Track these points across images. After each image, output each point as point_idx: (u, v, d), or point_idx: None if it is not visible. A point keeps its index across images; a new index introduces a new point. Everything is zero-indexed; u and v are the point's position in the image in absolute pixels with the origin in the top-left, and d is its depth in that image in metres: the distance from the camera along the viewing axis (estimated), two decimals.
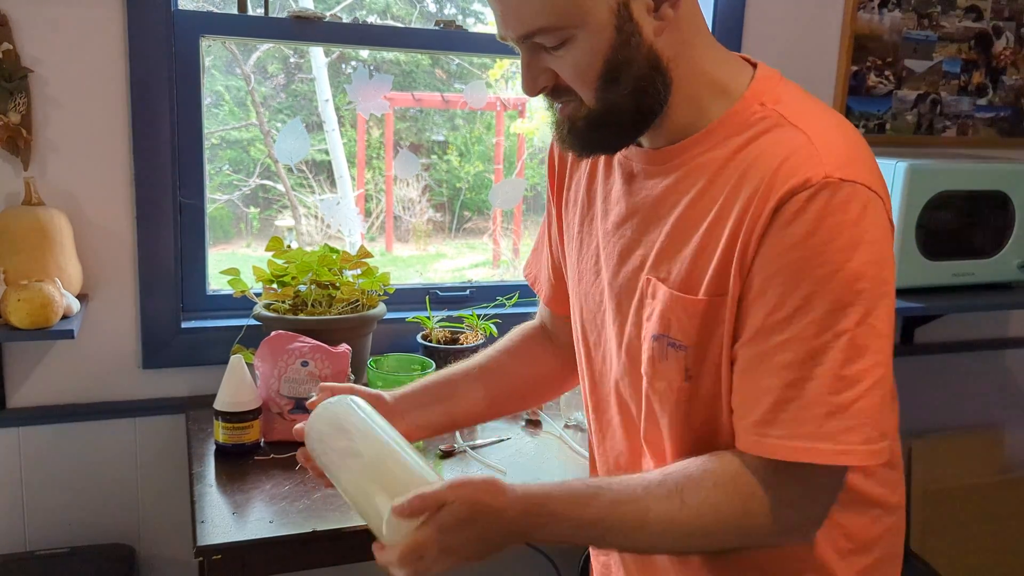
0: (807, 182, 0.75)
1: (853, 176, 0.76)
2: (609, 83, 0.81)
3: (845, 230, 0.75)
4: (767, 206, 0.77)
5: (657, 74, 0.82)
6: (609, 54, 0.80)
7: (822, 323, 0.75)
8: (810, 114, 0.83)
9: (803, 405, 0.75)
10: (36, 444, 1.63)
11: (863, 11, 2.07)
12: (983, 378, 2.46)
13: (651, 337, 0.86)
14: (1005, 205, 1.91)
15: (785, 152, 0.79)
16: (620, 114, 0.83)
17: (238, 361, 1.44)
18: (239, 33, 1.75)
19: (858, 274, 0.75)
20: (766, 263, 0.77)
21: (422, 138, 3.09)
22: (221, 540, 1.17)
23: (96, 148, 1.58)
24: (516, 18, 0.80)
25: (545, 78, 0.83)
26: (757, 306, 0.78)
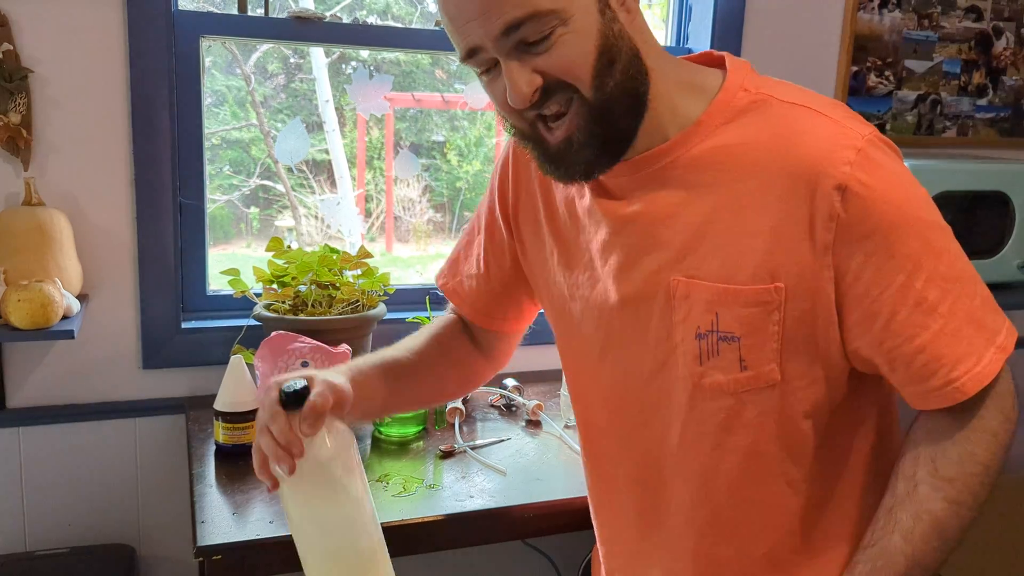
0: (856, 149, 0.78)
1: (871, 130, 0.81)
2: (605, 68, 0.79)
3: (902, 171, 0.81)
4: (827, 186, 0.77)
5: (639, 63, 0.81)
6: (599, 39, 0.78)
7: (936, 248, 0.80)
8: (795, 91, 0.85)
9: (967, 321, 0.79)
10: (36, 444, 1.63)
11: (863, 11, 2.07)
12: None
13: (695, 336, 0.85)
14: (1005, 205, 1.91)
15: (806, 128, 0.80)
16: (617, 106, 0.80)
17: (238, 361, 1.44)
18: (239, 33, 1.75)
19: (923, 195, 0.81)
20: (868, 238, 0.78)
21: (422, 138, 3.09)
22: (221, 540, 1.17)
23: (96, 148, 1.58)
24: (497, 10, 0.75)
25: (533, 80, 0.78)
26: (882, 278, 0.79)
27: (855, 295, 0.80)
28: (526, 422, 1.64)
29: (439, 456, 1.48)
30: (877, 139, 0.80)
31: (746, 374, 0.84)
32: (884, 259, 0.78)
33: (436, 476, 1.40)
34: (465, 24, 0.77)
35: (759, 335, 0.82)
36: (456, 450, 1.50)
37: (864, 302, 0.80)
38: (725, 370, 0.84)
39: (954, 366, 0.79)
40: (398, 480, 1.37)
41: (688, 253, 0.85)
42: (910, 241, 0.78)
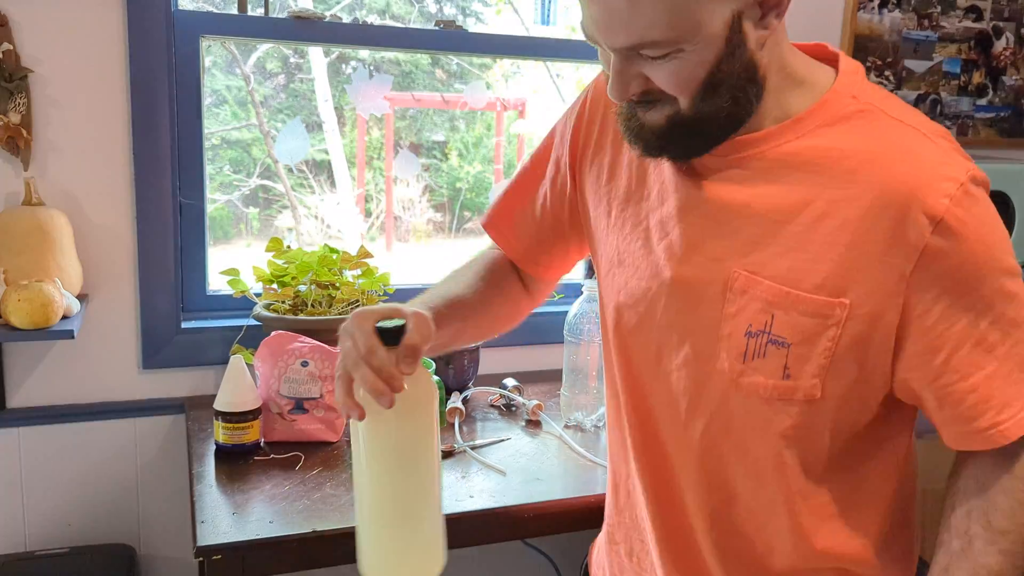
0: (959, 183, 0.77)
1: (972, 167, 0.79)
2: (708, 93, 0.79)
3: (992, 216, 0.80)
4: (921, 215, 0.76)
5: (752, 84, 0.81)
6: (713, 66, 0.77)
7: (1010, 293, 0.79)
8: (904, 108, 0.83)
9: (1018, 368, 0.79)
10: (36, 444, 1.63)
11: (863, 11, 2.07)
12: None
13: (745, 333, 0.83)
14: (1005, 205, 1.91)
15: (912, 150, 0.79)
16: (712, 123, 0.81)
17: (238, 361, 1.44)
18: (239, 33, 1.75)
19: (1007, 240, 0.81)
20: (942, 277, 0.77)
21: (422, 138, 3.09)
22: (221, 540, 1.17)
23: (96, 148, 1.58)
24: (624, 29, 0.75)
25: (637, 84, 0.80)
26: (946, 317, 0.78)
27: (921, 328, 0.79)
28: (526, 422, 1.64)
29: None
30: (978, 176, 0.79)
31: (787, 383, 0.82)
32: (958, 297, 0.78)
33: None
34: (601, 25, 0.77)
35: (810, 346, 0.81)
36: (456, 450, 1.50)
37: (928, 336, 0.79)
38: (768, 374, 0.83)
39: (1001, 409, 0.79)
40: None
41: (756, 248, 0.83)
42: (988, 284, 0.78)
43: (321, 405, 1.48)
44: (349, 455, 1.46)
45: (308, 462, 1.42)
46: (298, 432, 1.48)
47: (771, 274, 0.81)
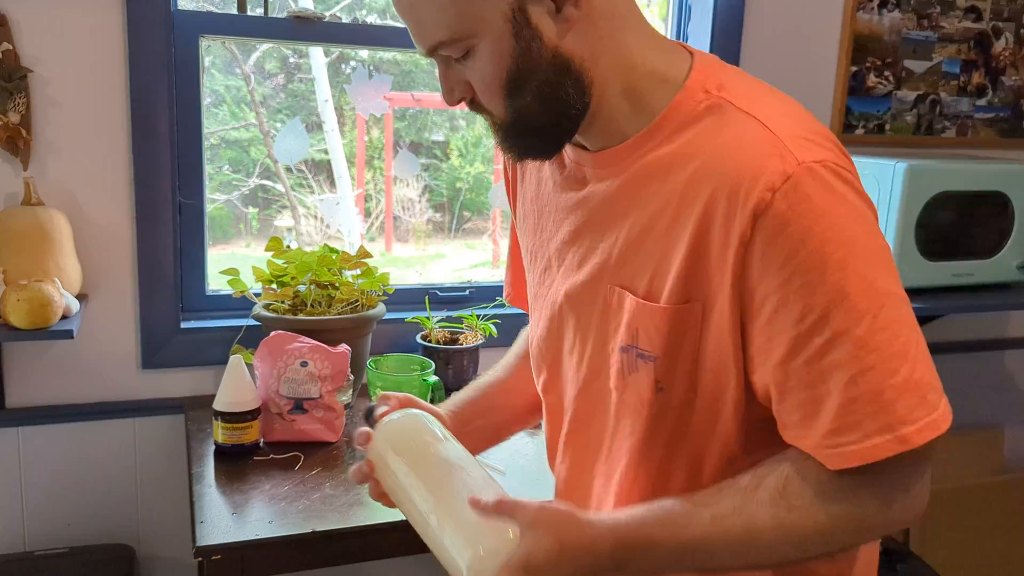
0: (783, 173, 0.72)
1: (822, 156, 0.74)
2: (514, 92, 0.79)
3: (840, 208, 0.72)
4: (745, 208, 0.73)
5: (566, 78, 0.79)
6: (510, 63, 0.78)
7: (858, 308, 0.71)
8: (756, 98, 0.80)
9: (869, 399, 0.71)
10: (36, 444, 1.63)
11: (863, 11, 2.07)
12: (983, 378, 2.46)
13: (619, 349, 0.84)
14: (1005, 205, 1.91)
15: (744, 144, 0.75)
16: (532, 121, 0.81)
17: (237, 361, 1.44)
18: (239, 33, 1.75)
19: (868, 247, 0.73)
20: (774, 271, 0.73)
21: (422, 138, 3.09)
22: (220, 540, 1.17)
23: (96, 148, 1.58)
24: (420, 33, 0.79)
25: (461, 89, 0.82)
26: (781, 318, 0.73)
27: (757, 327, 0.75)
28: None
29: None
30: (821, 168, 0.73)
31: (660, 395, 0.82)
32: (784, 301, 0.72)
33: None
34: (411, 34, 0.81)
35: (674, 356, 0.80)
36: None
37: (761, 338, 0.75)
38: (641, 388, 0.83)
39: (829, 435, 0.73)
40: None
41: (626, 263, 0.83)
42: (820, 291, 0.71)
43: (320, 405, 1.48)
44: (348, 455, 1.46)
45: (307, 462, 1.42)
46: (297, 432, 1.48)
47: (636, 288, 0.82)
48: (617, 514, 0.79)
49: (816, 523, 0.74)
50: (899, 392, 0.71)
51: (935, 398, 0.73)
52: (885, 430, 0.71)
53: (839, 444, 0.72)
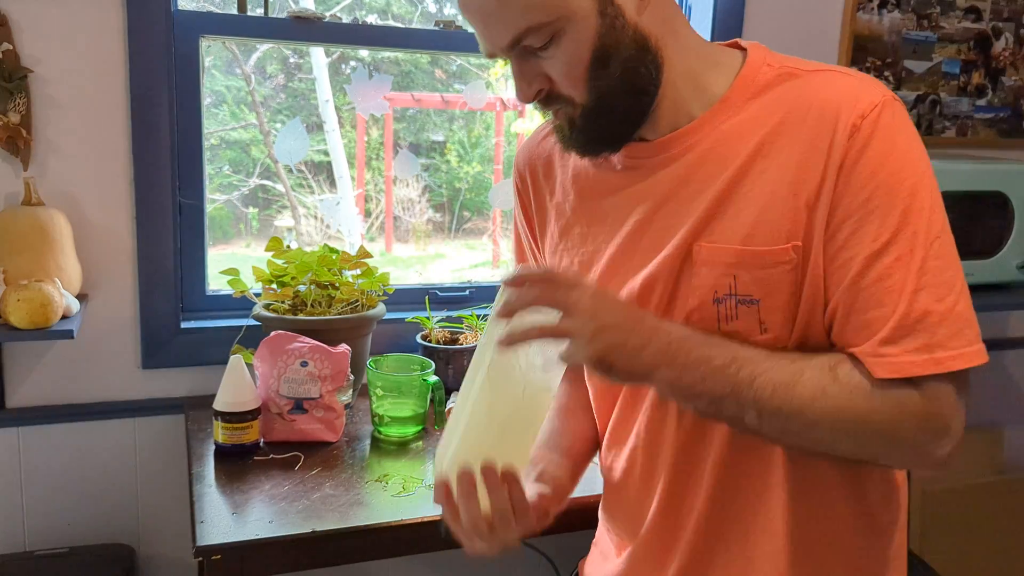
0: (872, 104, 0.79)
1: (891, 94, 0.82)
2: (599, 71, 0.81)
3: (914, 142, 0.80)
4: (840, 134, 0.79)
5: (646, 53, 0.83)
6: (596, 41, 0.81)
7: (920, 235, 0.77)
8: (815, 63, 0.87)
9: (917, 318, 0.76)
10: (36, 444, 1.63)
11: (863, 12, 2.07)
12: (983, 378, 2.46)
13: (713, 302, 0.84)
14: (1004, 206, 1.91)
15: (826, 88, 0.82)
16: (613, 102, 0.83)
17: (237, 361, 1.44)
18: (239, 33, 1.75)
19: (930, 182, 0.80)
20: (855, 189, 0.78)
21: (421, 138, 3.10)
22: (220, 540, 1.17)
23: (96, 148, 1.58)
24: (501, 24, 0.80)
25: (539, 81, 0.84)
26: (859, 237, 0.78)
27: (836, 246, 0.80)
28: None
29: None
30: (900, 106, 0.81)
31: (766, 336, 0.83)
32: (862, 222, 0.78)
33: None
34: (483, 32, 0.83)
35: (778, 296, 0.82)
36: None
37: (839, 259, 0.80)
38: (745, 333, 0.83)
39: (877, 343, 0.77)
40: (398, 480, 1.37)
41: (714, 220, 0.84)
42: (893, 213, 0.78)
43: (320, 405, 1.48)
44: (348, 455, 1.46)
45: (307, 462, 1.42)
46: (297, 432, 1.48)
47: (730, 238, 0.83)
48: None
49: (853, 405, 0.77)
50: (942, 317, 0.76)
51: (972, 334, 0.77)
52: (924, 350, 0.76)
53: (883, 354, 0.77)
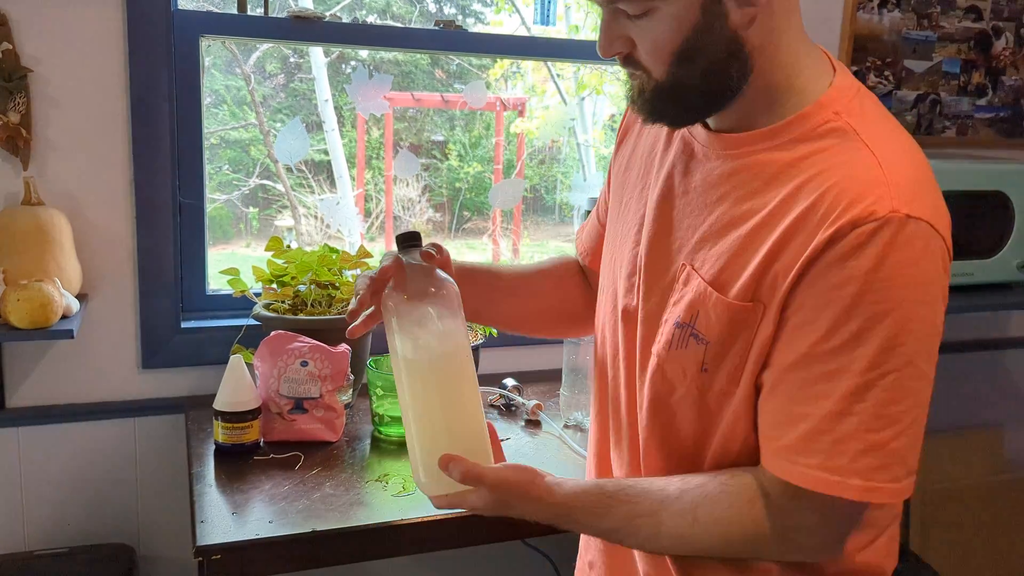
0: (872, 214, 0.73)
1: (919, 212, 0.74)
2: (682, 61, 0.80)
3: (906, 270, 0.73)
4: (825, 231, 0.74)
5: (734, 61, 0.81)
6: (689, 33, 0.79)
7: (871, 360, 0.74)
8: (882, 133, 0.80)
9: (839, 439, 0.75)
10: (36, 444, 1.63)
11: (863, 11, 2.07)
12: (983, 378, 2.46)
13: (674, 323, 0.86)
14: (1005, 205, 1.91)
15: (852, 173, 0.76)
16: (687, 92, 0.82)
17: (237, 361, 1.44)
18: (239, 33, 1.75)
19: (912, 316, 0.74)
20: (821, 291, 0.75)
21: (422, 138, 3.10)
22: (220, 540, 1.17)
23: (96, 148, 1.58)
24: None
25: (621, 43, 0.83)
26: (806, 331, 0.76)
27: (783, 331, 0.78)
28: (525, 422, 1.64)
29: None
30: (912, 224, 0.73)
31: (705, 375, 0.85)
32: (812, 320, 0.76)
33: None
34: None
35: (727, 345, 0.82)
36: None
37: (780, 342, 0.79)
38: (687, 364, 0.85)
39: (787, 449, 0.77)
40: (398, 480, 1.37)
41: (703, 245, 0.85)
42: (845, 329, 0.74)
43: (321, 405, 1.48)
44: (348, 455, 1.46)
45: (308, 462, 1.42)
46: (298, 432, 1.48)
47: (707, 274, 0.84)
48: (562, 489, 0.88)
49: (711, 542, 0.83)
50: (869, 448, 0.74)
51: (900, 473, 0.75)
52: (835, 471, 0.75)
53: (794, 460, 0.77)
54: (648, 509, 0.85)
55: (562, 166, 3.17)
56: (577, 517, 0.88)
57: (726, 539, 0.82)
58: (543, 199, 3.34)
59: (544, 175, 3.32)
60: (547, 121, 3.00)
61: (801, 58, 0.85)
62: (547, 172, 3.33)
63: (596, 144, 2.44)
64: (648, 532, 0.85)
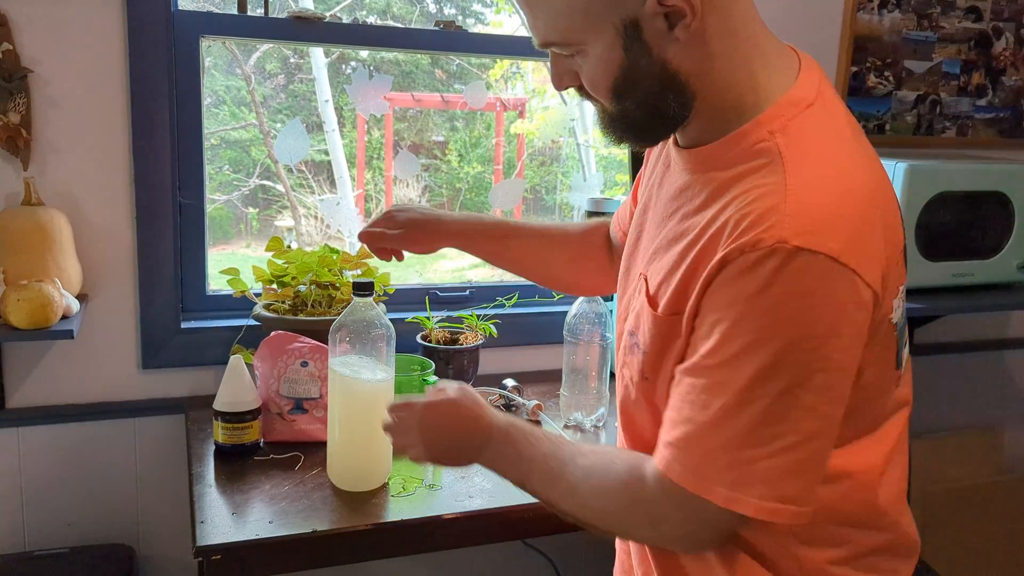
0: (759, 243, 0.74)
1: (816, 245, 0.73)
2: (619, 95, 0.84)
3: (794, 301, 0.74)
4: (722, 250, 0.77)
5: (669, 91, 0.82)
6: (618, 71, 0.82)
7: (748, 382, 0.76)
8: (813, 157, 0.79)
9: (710, 449, 0.78)
10: (36, 444, 1.63)
11: (863, 12, 2.07)
12: (983, 378, 2.46)
13: (628, 331, 0.94)
14: (1005, 206, 1.91)
15: (759, 198, 0.77)
16: (633, 121, 0.86)
17: (238, 361, 1.44)
18: (239, 33, 1.75)
19: (798, 347, 0.75)
20: (714, 307, 0.78)
21: (422, 138, 3.10)
22: (220, 540, 1.17)
23: (96, 148, 1.58)
24: (534, 29, 0.85)
25: (569, 78, 0.88)
26: (701, 343, 0.80)
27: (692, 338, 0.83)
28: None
29: None
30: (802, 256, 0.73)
31: (646, 383, 0.91)
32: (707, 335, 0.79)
33: (436, 476, 1.40)
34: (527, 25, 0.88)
35: (660, 357, 0.87)
36: None
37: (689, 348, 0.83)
38: (634, 371, 0.92)
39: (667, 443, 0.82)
40: (398, 480, 1.37)
41: (653, 257, 0.90)
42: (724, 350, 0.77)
43: (321, 405, 1.48)
44: None
45: (307, 462, 1.42)
46: (297, 432, 1.48)
47: (649, 288, 0.89)
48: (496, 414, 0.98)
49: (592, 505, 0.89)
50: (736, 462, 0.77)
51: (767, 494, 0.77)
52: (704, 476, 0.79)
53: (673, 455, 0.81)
54: (561, 456, 0.91)
55: (562, 166, 3.17)
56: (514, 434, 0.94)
57: (604, 510, 0.88)
58: (543, 199, 3.34)
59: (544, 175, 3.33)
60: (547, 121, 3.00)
61: (756, 73, 0.84)
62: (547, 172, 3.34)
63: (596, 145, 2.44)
64: (553, 475, 0.90)
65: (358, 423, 1.30)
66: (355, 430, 1.31)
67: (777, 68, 0.85)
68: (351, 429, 1.31)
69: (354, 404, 1.30)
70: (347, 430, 1.31)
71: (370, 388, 1.27)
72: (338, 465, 1.34)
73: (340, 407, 1.31)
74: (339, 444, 1.33)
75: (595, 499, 0.88)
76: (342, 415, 1.31)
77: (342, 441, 1.32)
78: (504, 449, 0.94)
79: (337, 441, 1.33)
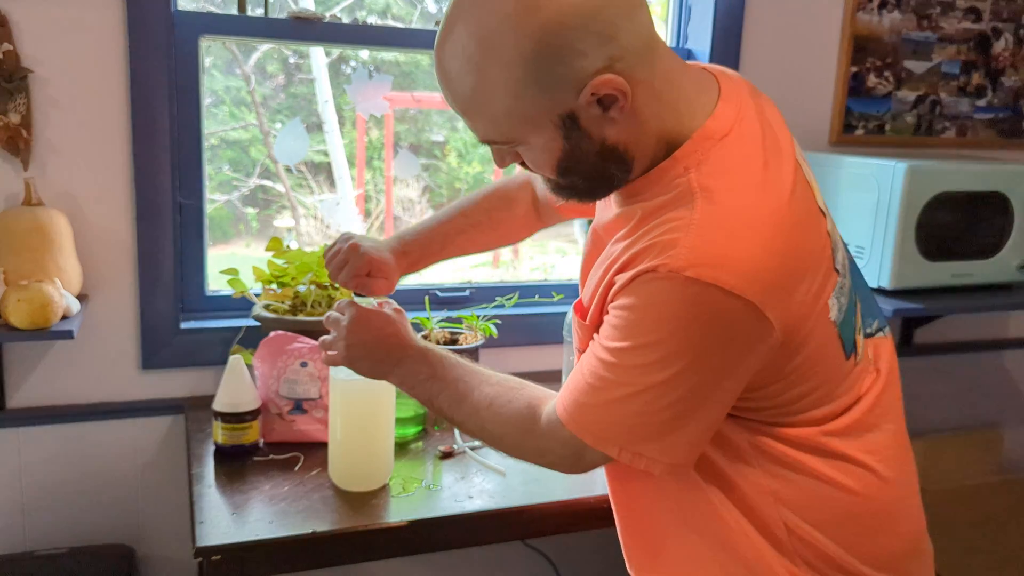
0: (656, 268, 0.82)
1: (710, 278, 0.80)
2: (564, 174, 0.89)
3: (663, 324, 0.83)
4: (627, 274, 0.85)
5: (611, 162, 0.88)
6: (560, 156, 0.87)
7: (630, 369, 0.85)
8: (719, 193, 0.84)
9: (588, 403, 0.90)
10: (36, 444, 1.63)
11: (863, 12, 2.07)
12: (983, 378, 2.46)
13: (578, 350, 1.01)
14: (1004, 206, 1.91)
15: (665, 231, 0.83)
16: (580, 189, 0.92)
17: (237, 362, 1.44)
18: (239, 33, 1.75)
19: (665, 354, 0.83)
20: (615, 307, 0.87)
21: (422, 139, 3.09)
22: (220, 541, 1.17)
23: (96, 148, 1.58)
24: (472, 130, 0.89)
25: (511, 158, 0.92)
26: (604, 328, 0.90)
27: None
28: None
29: (439, 457, 1.48)
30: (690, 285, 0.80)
31: None
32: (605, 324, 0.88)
33: (435, 477, 1.40)
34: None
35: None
36: (455, 451, 1.50)
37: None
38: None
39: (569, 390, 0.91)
40: (398, 480, 1.37)
41: (593, 274, 0.96)
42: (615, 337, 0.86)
43: (320, 406, 1.48)
44: None
45: (307, 463, 1.42)
46: (297, 433, 1.48)
47: (583, 298, 0.97)
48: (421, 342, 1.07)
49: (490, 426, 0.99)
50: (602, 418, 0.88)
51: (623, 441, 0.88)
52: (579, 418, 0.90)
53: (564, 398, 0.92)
54: (473, 379, 1.01)
55: None
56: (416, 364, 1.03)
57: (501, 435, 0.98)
58: None
59: None
60: None
61: (681, 114, 0.88)
62: None
63: None
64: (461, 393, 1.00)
65: (358, 423, 1.32)
66: (356, 430, 1.32)
67: (698, 104, 0.90)
68: (352, 429, 1.32)
69: (354, 405, 1.31)
70: (348, 430, 1.32)
71: (370, 389, 1.27)
72: (340, 465, 1.35)
73: (340, 408, 1.31)
74: (340, 444, 1.34)
75: (494, 425, 0.98)
76: (342, 416, 1.31)
77: (343, 441, 1.33)
78: (418, 367, 1.03)
79: (338, 441, 1.33)
